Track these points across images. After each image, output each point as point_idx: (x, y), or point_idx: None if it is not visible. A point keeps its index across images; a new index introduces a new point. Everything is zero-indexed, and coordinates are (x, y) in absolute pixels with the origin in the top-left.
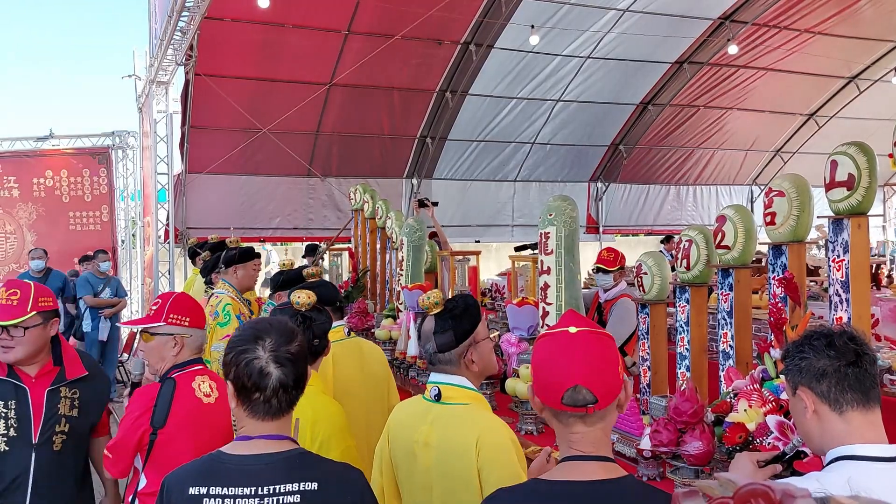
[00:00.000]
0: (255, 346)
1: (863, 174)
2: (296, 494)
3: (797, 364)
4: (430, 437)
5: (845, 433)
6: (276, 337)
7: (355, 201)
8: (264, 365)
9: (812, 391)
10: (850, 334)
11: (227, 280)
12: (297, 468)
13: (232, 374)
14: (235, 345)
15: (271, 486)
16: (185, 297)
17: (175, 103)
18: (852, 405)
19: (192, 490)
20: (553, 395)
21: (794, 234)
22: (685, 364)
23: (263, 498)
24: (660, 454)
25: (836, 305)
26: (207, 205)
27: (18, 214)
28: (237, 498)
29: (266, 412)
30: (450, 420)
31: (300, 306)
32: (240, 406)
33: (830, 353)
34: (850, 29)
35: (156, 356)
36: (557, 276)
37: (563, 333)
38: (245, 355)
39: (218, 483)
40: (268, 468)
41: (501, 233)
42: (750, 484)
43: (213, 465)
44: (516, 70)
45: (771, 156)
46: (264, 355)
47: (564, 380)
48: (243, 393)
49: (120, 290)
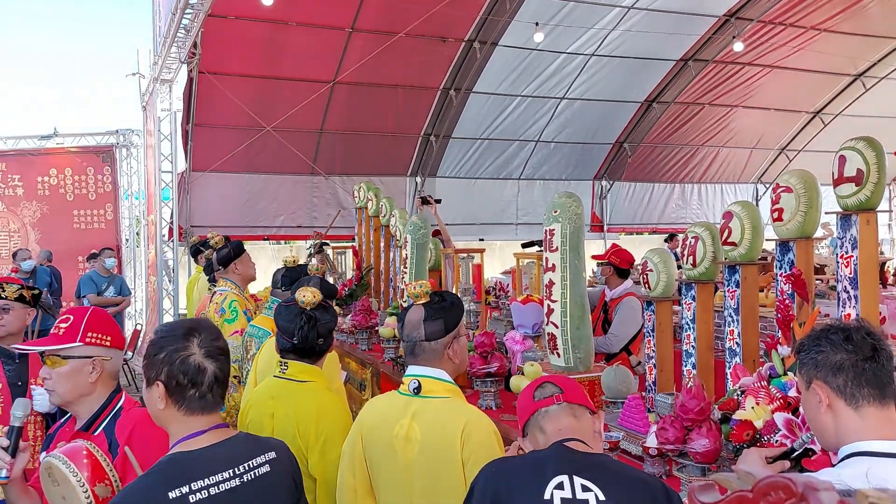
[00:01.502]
0: (188, 342)
1: (871, 169)
2: (265, 465)
3: (813, 357)
4: (411, 432)
5: (861, 429)
6: (206, 333)
7: (359, 199)
8: (200, 360)
9: (828, 385)
10: (867, 329)
11: (229, 278)
12: (255, 443)
13: (164, 373)
14: (164, 344)
15: (245, 464)
16: (102, 312)
17: (179, 101)
18: (868, 400)
19: (172, 494)
20: (526, 408)
21: (801, 231)
22: (691, 361)
23: (242, 475)
24: (666, 452)
25: (844, 302)
26: (211, 203)
27: (23, 213)
28: (220, 484)
29: (202, 407)
30: (432, 413)
31: (305, 305)
32: (171, 406)
33: (848, 347)
34: (856, 26)
35: (68, 385)
36: (562, 273)
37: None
38: (179, 353)
39: (195, 478)
40: (234, 450)
41: (505, 231)
42: (770, 477)
43: (182, 465)
44: (520, 68)
45: (776, 154)
46: (198, 351)
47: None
48: (177, 391)
49: (124, 289)
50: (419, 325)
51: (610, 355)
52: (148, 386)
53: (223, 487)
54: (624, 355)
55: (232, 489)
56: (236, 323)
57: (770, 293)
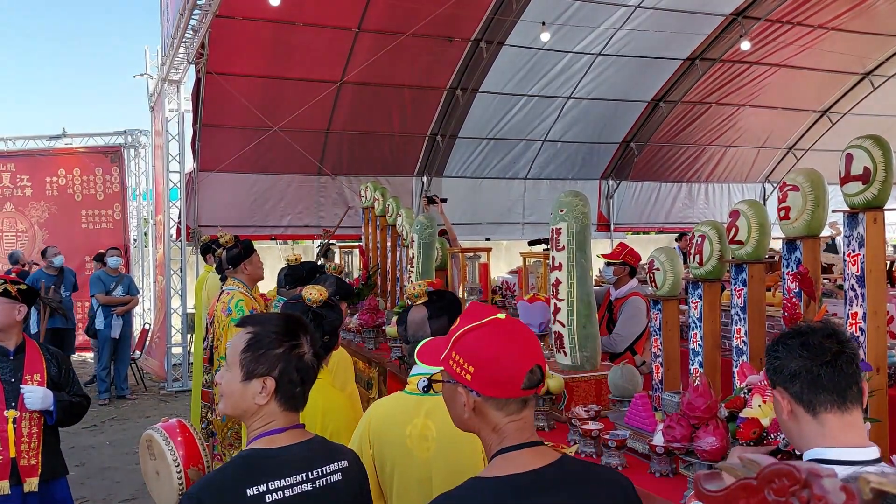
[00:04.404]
0: (301, 340)
1: (878, 168)
2: (338, 473)
3: (772, 364)
4: (426, 430)
5: (819, 436)
6: (311, 331)
7: (366, 199)
8: (311, 359)
9: (787, 392)
10: (827, 331)
11: (238, 278)
12: (329, 449)
13: (278, 370)
14: (283, 339)
15: (318, 469)
16: None
17: (187, 102)
18: (825, 407)
19: (250, 491)
20: (512, 383)
21: (808, 229)
22: (698, 360)
23: (315, 481)
24: (673, 450)
25: (851, 301)
26: (219, 203)
27: (31, 213)
28: (294, 486)
29: (296, 406)
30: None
31: (312, 302)
32: (273, 402)
33: (803, 354)
34: (864, 24)
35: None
36: (569, 272)
37: (499, 321)
38: (296, 350)
39: (273, 477)
40: (310, 453)
41: (512, 231)
42: (774, 464)
43: (260, 462)
44: (527, 67)
45: (783, 153)
46: (308, 350)
47: (523, 364)
48: (287, 388)
49: (132, 288)
50: (424, 324)
51: (614, 355)
52: (247, 380)
53: (296, 490)
54: (628, 355)
55: (304, 493)
56: None
57: (777, 292)
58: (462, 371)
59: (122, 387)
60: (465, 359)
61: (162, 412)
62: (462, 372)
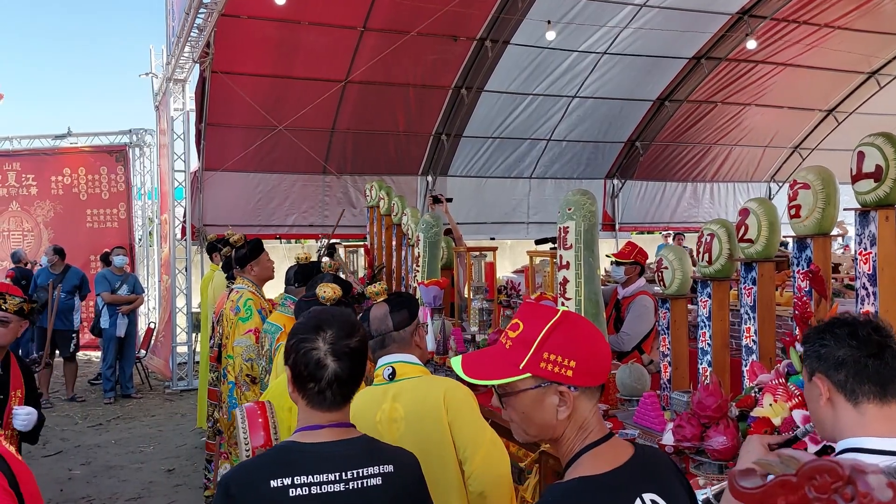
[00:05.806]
0: (316, 336)
1: (891, 165)
2: (377, 477)
3: (816, 351)
4: (394, 413)
5: (858, 425)
6: (337, 330)
7: (371, 198)
8: (322, 357)
9: (829, 379)
10: (874, 325)
11: (246, 277)
12: (373, 451)
13: (291, 360)
14: (297, 331)
15: (355, 471)
16: None
17: (192, 101)
18: (868, 397)
19: (275, 483)
20: (605, 369)
21: (819, 227)
22: (706, 359)
23: (349, 482)
24: (683, 449)
25: (862, 299)
26: (224, 202)
27: (36, 212)
28: (323, 485)
29: (320, 403)
30: (412, 390)
31: (326, 300)
32: (296, 392)
33: (852, 343)
34: (870, 23)
35: None
36: (577, 271)
37: (569, 313)
38: (305, 344)
39: (301, 472)
40: (348, 453)
41: (517, 230)
42: (815, 460)
43: (291, 455)
44: (532, 66)
45: (789, 152)
46: (323, 347)
47: (609, 353)
48: (299, 381)
49: (137, 287)
50: (386, 318)
51: (622, 354)
52: (286, 364)
53: (325, 489)
54: (636, 354)
55: (333, 493)
56: (250, 322)
57: (785, 291)
58: (562, 369)
59: (128, 386)
60: (563, 356)
61: (167, 411)
62: (562, 370)
